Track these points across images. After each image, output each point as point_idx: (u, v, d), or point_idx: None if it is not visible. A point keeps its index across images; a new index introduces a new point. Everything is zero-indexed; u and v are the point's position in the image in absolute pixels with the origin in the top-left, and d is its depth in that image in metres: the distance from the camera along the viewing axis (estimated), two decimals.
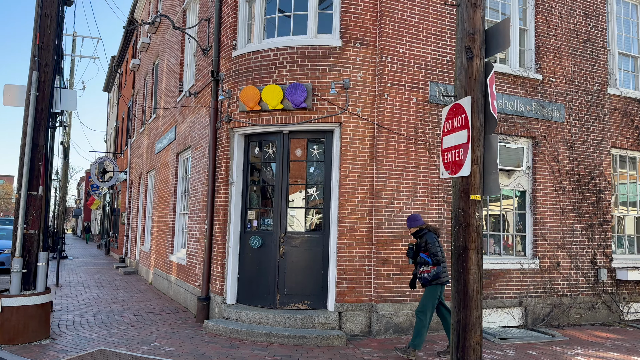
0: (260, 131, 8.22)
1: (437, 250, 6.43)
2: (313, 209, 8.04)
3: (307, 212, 8.04)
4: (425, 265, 6.50)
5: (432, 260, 6.46)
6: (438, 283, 6.45)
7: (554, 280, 9.03)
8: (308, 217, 8.05)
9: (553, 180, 9.20)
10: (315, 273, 7.86)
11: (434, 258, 6.45)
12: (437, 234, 6.65)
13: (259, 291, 8.06)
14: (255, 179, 8.46)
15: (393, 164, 7.91)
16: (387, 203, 7.82)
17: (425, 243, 6.52)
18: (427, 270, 6.50)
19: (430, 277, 6.45)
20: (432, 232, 6.62)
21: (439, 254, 6.42)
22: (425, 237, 6.60)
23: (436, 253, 6.44)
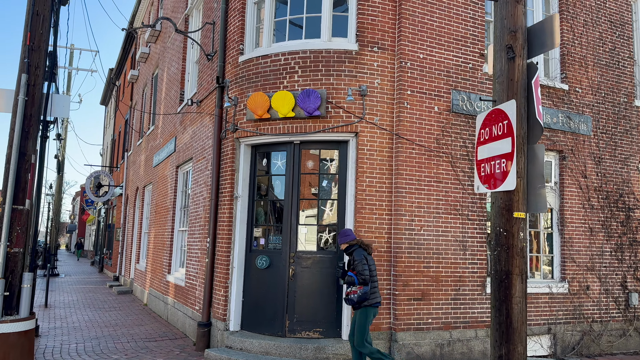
0: (268, 141, 7.58)
1: (364, 269, 5.78)
2: (326, 227, 7.37)
3: (319, 229, 7.37)
4: (352, 285, 5.86)
5: (358, 280, 5.81)
6: (367, 305, 5.81)
7: (584, 306, 8.34)
8: (320, 235, 7.37)
9: (581, 197, 8.57)
10: (329, 297, 7.15)
11: (359, 277, 5.80)
12: (367, 250, 6.02)
13: (266, 317, 7.33)
14: (262, 193, 7.80)
15: (413, 178, 7.27)
16: (407, 220, 7.16)
17: (353, 260, 5.91)
18: (354, 292, 5.85)
19: (357, 299, 5.80)
20: (362, 249, 6.00)
21: (364, 273, 5.77)
22: (353, 253, 5.97)
23: (362, 271, 5.79)
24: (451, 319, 7.29)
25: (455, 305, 7.33)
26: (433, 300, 7.19)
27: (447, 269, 7.34)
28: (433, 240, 7.29)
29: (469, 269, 7.49)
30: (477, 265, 7.55)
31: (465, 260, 7.49)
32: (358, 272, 5.82)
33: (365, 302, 5.80)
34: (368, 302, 5.80)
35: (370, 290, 5.80)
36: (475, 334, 7.41)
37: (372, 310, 5.84)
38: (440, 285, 7.27)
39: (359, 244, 6.07)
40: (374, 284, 5.88)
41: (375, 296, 5.85)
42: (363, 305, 5.83)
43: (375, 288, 5.89)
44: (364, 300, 5.79)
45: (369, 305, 5.81)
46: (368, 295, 5.78)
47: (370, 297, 5.81)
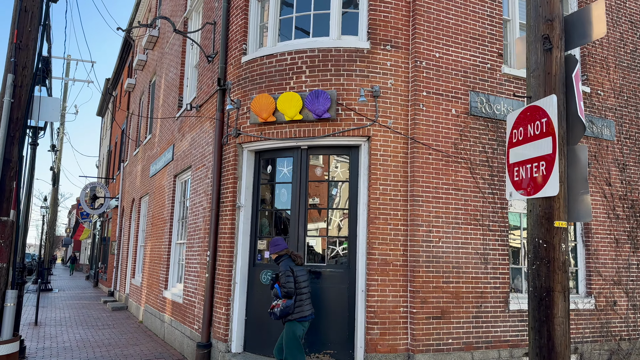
0: (274, 147, 7.04)
1: (287, 281, 5.57)
2: (336, 239, 6.80)
3: (329, 241, 6.80)
4: (277, 298, 5.68)
5: (282, 292, 5.63)
6: (292, 320, 5.58)
7: (611, 322, 7.77)
8: (330, 247, 6.80)
9: (606, 206, 8.04)
10: (340, 316, 6.57)
11: (282, 290, 5.61)
12: (296, 262, 5.83)
13: (272, 337, 6.73)
14: (267, 202, 7.24)
15: (430, 185, 6.73)
16: (425, 231, 6.60)
17: (279, 272, 5.74)
18: (277, 305, 5.67)
19: (279, 313, 5.60)
20: (289, 260, 5.80)
21: (287, 285, 5.57)
22: (280, 264, 5.68)
23: (285, 284, 5.58)
24: (473, 338, 6.70)
25: (477, 323, 6.75)
26: (453, 318, 6.62)
27: (467, 284, 6.78)
28: (452, 253, 6.74)
29: (490, 284, 6.93)
30: (499, 280, 6.99)
31: (487, 274, 6.93)
32: (282, 284, 5.60)
33: (289, 317, 5.57)
34: (292, 317, 5.56)
35: (295, 304, 5.58)
36: (498, 355, 6.82)
37: (299, 325, 5.61)
38: (461, 302, 6.70)
39: (288, 254, 5.88)
40: (302, 296, 5.65)
41: (300, 310, 5.60)
42: (287, 319, 5.61)
43: (303, 301, 5.64)
44: (286, 315, 5.57)
45: (294, 320, 5.56)
46: (291, 309, 5.54)
47: (295, 310, 5.56)
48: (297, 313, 5.58)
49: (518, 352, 6.95)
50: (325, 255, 6.78)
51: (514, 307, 7.01)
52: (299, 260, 5.83)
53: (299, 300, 5.60)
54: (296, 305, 5.58)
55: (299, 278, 5.66)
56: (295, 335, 5.58)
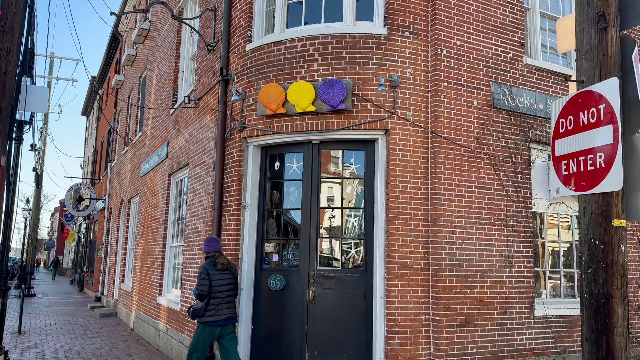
0: (282, 141, 6.50)
1: (200, 284, 5.58)
2: (352, 240, 6.29)
3: (343, 244, 6.28)
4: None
5: (195, 294, 5.63)
6: (201, 322, 5.61)
7: (636, 328, 7.36)
8: (345, 250, 6.28)
9: None
10: (357, 324, 6.05)
11: (196, 291, 5.63)
12: (218, 265, 5.72)
13: (281, 348, 6.19)
14: (275, 201, 6.69)
15: (453, 183, 6.25)
16: (448, 232, 6.12)
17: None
18: (192, 305, 5.81)
19: (191, 314, 5.69)
20: (211, 262, 5.75)
21: (200, 288, 5.58)
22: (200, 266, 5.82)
23: (198, 286, 5.60)
24: (497, 347, 6.23)
25: (501, 331, 6.28)
26: (478, 326, 6.14)
27: (492, 289, 6.31)
28: (476, 256, 6.26)
29: (515, 288, 6.47)
30: (524, 284, 6.53)
31: (512, 278, 6.46)
32: (196, 286, 5.63)
33: (199, 319, 5.62)
34: (202, 320, 5.60)
35: (207, 307, 5.58)
36: None
37: (207, 328, 5.58)
38: (485, 308, 6.23)
39: (215, 257, 5.82)
40: (215, 301, 5.62)
41: (211, 314, 5.58)
42: (199, 321, 5.66)
43: (216, 306, 5.61)
44: (197, 317, 5.63)
45: (204, 323, 5.59)
46: (202, 312, 5.58)
47: (206, 314, 5.58)
48: (208, 317, 5.57)
49: None
50: (339, 259, 6.25)
51: (539, 313, 6.56)
52: (220, 266, 5.72)
53: (212, 304, 5.59)
54: (208, 309, 5.58)
55: (215, 282, 5.61)
56: (201, 338, 5.60)
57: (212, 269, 5.66)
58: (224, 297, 5.68)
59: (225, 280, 5.71)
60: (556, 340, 6.64)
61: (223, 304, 5.67)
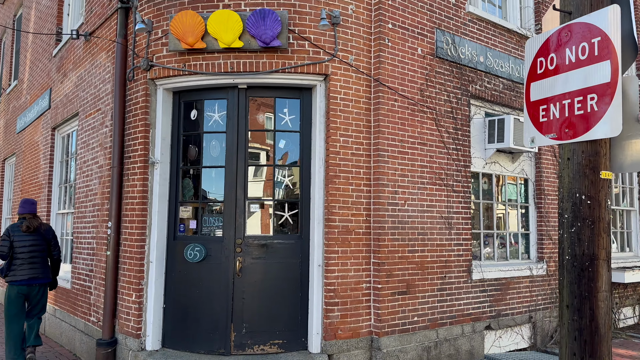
0: (201, 84, 5.42)
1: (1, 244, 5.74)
2: (286, 203, 5.46)
3: (276, 206, 5.43)
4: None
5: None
6: (7, 282, 5.79)
7: None
8: (279, 214, 5.44)
9: (555, 166, 7.61)
10: (291, 297, 5.29)
11: None
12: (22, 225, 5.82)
13: (202, 329, 5.28)
14: (192, 158, 5.63)
15: (396, 138, 5.63)
16: (390, 192, 5.52)
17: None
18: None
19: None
20: (17, 224, 5.90)
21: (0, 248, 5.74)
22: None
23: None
24: (437, 314, 5.85)
25: (441, 297, 5.90)
26: (419, 292, 5.69)
27: (432, 252, 5.87)
28: (418, 218, 5.76)
29: (454, 251, 6.10)
30: (462, 247, 6.18)
31: (451, 241, 6.08)
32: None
33: (4, 278, 5.79)
34: (7, 279, 5.76)
35: (10, 267, 5.75)
36: (461, 331, 6.06)
37: (12, 287, 5.73)
38: (426, 273, 5.78)
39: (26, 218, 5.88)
40: (17, 261, 5.74)
41: (13, 274, 5.74)
42: (5, 280, 5.86)
43: (17, 267, 5.74)
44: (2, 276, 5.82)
45: (9, 283, 5.76)
46: (4, 272, 5.76)
47: (9, 274, 5.76)
48: (11, 276, 5.73)
49: (480, 326, 6.26)
50: (271, 224, 5.40)
51: (477, 277, 6.28)
52: (25, 228, 5.79)
53: (14, 264, 5.74)
54: (10, 269, 5.74)
55: (17, 243, 5.74)
56: (10, 299, 5.72)
57: (15, 230, 5.78)
58: (27, 258, 5.77)
59: (29, 241, 5.80)
60: (491, 304, 6.43)
61: (25, 264, 5.77)
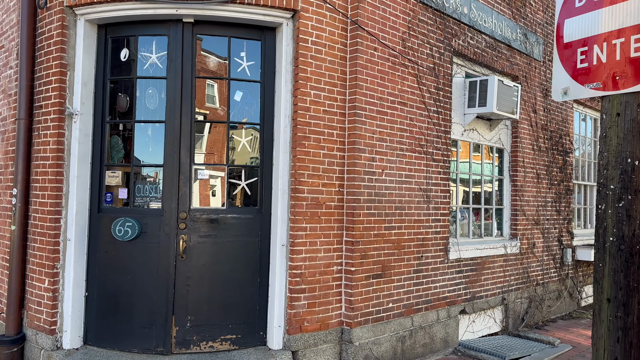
0: (135, 15, 4.26)
1: None
2: (243, 168, 4.46)
3: (230, 173, 4.43)
4: None
5: None
6: None
7: (531, 267, 6.97)
8: (234, 182, 4.45)
9: (531, 135, 7.06)
10: (247, 284, 4.37)
11: None
12: None
13: (135, 322, 4.26)
14: (122, 109, 4.48)
15: (375, 95, 4.76)
16: (367, 159, 4.67)
17: None
18: None
19: None
20: None
21: None
22: None
23: None
24: (413, 299, 5.14)
25: (417, 279, 5.19)
26: (394, 275, 4.93)
27: (410, 229, 5.11)
28: (396, 190, 4.96)
29: (432, 228, 5.38)
30: (440, 223, 5.48)
31: (429, 216, 5.34)
32: None
33: None
34: None
35: None
36: (436, 316, 5.40)
37: None
38: (403, 253, 5.03)
39: None
40: None
41: None
42: None
43: None
44: None
45: None
46: None
47: None
48: None
49: (455, 311, 5.64)
50: (224, 195, 4.40)
51: (453, 256, 5.62)
52: None
53: None
54: None
55: None
56: None
57: None
58: None
59: None
60: (467, 287, 5.81)
61: None
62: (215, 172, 4.37)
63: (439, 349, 5.40)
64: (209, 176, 4.36)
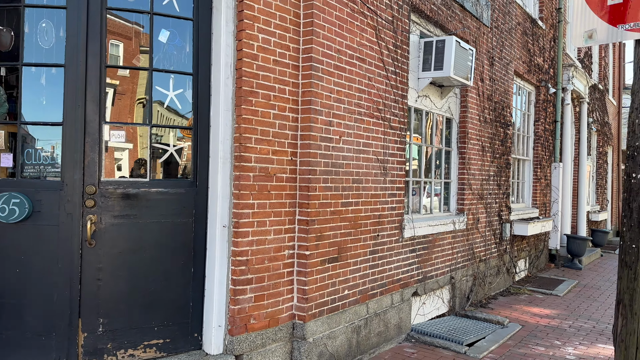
0: None
1: None
2: (171, 130, 3.52)
3: (154, 136, 3.47)
4: None
5: None
6: None
7: (475, 243, 6.68)
8: (158, 148, 3.50)
9: (479, 106, 6.69)
10: (178, 275, 3.48)
11: None
12: None
13: (26, 328, 3.23)
14: (4, 48, 3.32)
15: (333, 46, 3.99)
16: (324, 122, 3.92)
17: None
18: None
19: None
20: None
21: None
22: None
23: None
24: (368, 283, 4.54)
25: (373, 261, 4.59)
26: (350, 257, 4.29)
27: (367, 205, 4.48)
28: (353, 160, 4.28)
29: (388, 203, 4.78)
30: (395, 198, 4.90)
31: (385, 190, 4.74)
32: None
33: None
34: None
35: None
36: (391, 301, 4.87)
37: None
38: (359, 232, 4.39)
39: None
40: None
41: None
42: None
43: None
44: None
45: None
46: None
47: None
48: None
49: (407, 293, 5.14)
50: (146, 164, 3.45)
51: (408, 234, 5.09)
52: None
53: None
54: None
55: None
56: None
57: None
58: None
59: None
60: (419, 266, 5.33)
61: None
62: (132, 134, 3.40)
63: (393, 337, 4.88)
64: (126, 139, 3.38)
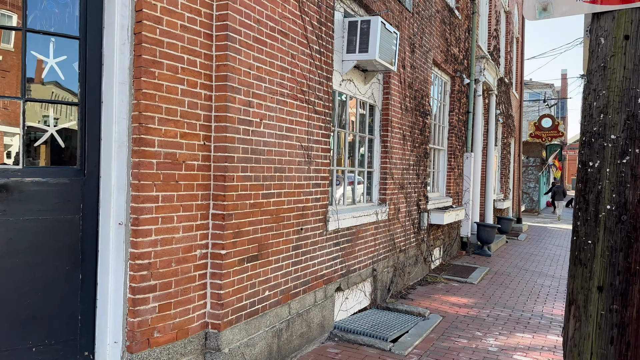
0: None
1: None
2: (50, 106, 2.84)
3: (30, 113, 2.78)
4: None
5: None
6: None
7: (396, 233, 6.53)
8: (36, 128, 2.81)
9: (400, 93, 6.50)
10: (61, 284, 2.84)
11: None
12: None
13: None
14: None
15: (252, 15, 3.50)
16: (243, 102, 3.43)
17: None
18: None
19: None
20: None
21: None
22: None
23: None
24: (291, 281, 4.15)
25: (296, 257, 4.19)
26: (272, 255, 3.85)
27: (290, 197, 4.06)
28: (275, 147, 3.83)
29: (312, 194, 4.41)
30: (320, 189, 4.53)
31: (309, 180, 4.35)
32: None
33: None
34: None
35: None
36: (314, 299, 4.52)
37: None
38: (282, 226, 3.97)
39: None
40: None
41: None
42: None
43: None
44: None
45: None
46: None
47: None
48: None
49: (331, 289, 4.82)
50: (20, 147, 2.75)
51: (332, 227, 4.75)
52: None
53: None
54: None
55: None
56: None
57: None
58: None
59: None
60: (343, 260, 5.03)
61: None
62: (2, 109, 2.70)
63: (316, 337, 4.54)
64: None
